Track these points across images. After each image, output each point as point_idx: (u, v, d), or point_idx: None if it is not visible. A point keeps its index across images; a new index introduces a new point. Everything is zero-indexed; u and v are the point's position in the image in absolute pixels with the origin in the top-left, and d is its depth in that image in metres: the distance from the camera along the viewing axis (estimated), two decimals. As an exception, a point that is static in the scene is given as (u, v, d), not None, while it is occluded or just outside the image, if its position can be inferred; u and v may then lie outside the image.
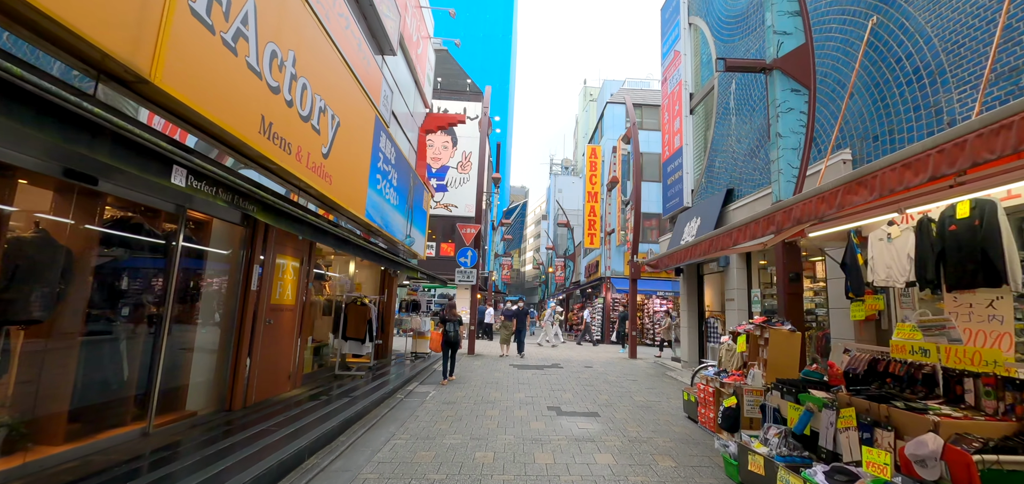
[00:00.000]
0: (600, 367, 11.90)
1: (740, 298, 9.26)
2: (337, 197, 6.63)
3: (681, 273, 12.16)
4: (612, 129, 23.75)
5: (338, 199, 6.67)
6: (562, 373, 10.57)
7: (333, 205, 6.73)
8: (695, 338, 11.62)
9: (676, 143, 12.71)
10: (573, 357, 14.04)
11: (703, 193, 11.39)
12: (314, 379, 7.94)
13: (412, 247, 11.63)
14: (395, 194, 9.94)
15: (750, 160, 9.19)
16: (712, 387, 5.92)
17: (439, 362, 11.43)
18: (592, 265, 25.57)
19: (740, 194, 9.50)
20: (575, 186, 54.65)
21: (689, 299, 11.82)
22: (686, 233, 11.04)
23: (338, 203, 6.70)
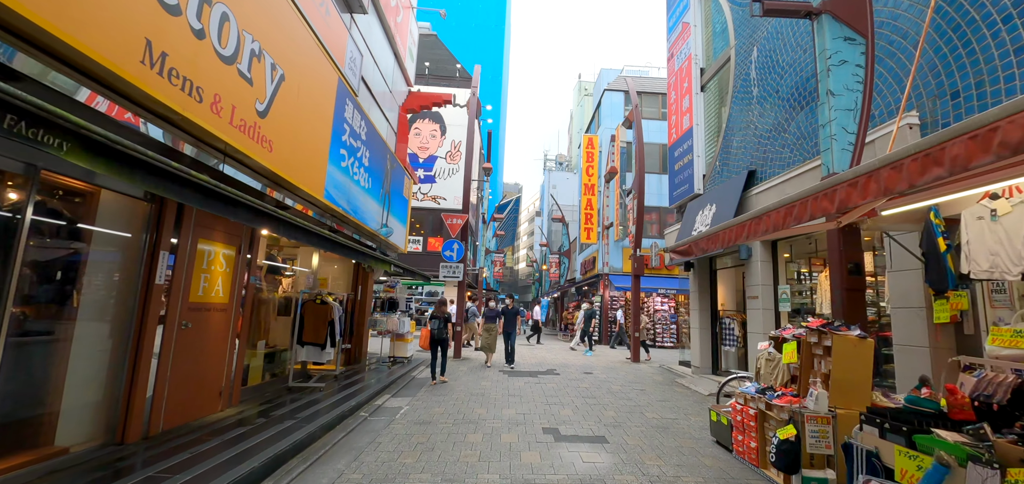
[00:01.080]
0: (601, 373, 10.63)
1: (765, 296, 8.03)
2: (282, 169, 5.29)
3: (691, 268, 10.92)
4: (610, 117, 22.50)
5: (284, 172, 5.33)
6: (559, 382, 9.28)
7: (276, 179, 5.38)
8: (708, 340, 10.38)
9: (685, 124, 11.47)
10: (570, 362, 12.76)
11: (717, 178, 10.14)
12: (261, 394, 6.57)
13: (390, 239, 10.29)
14: (367, 176, 8.60)
15: (776, 136, 7.95)
16: (753, 408, 4.65)
17: (419, 368, 10.10)
18: (588, 261, 24.34)
19: (764, 176, 8.26)
20: (570, 182, 53.41)
21: (701, 297, 10.59)
22: (699, 222, 9.80)
23: (284, 177, 5.36)
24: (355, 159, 7.93)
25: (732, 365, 10.33)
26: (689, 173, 11.03)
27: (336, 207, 7.03)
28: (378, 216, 9.42)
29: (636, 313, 12.98)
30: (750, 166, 8.68)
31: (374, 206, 9.11)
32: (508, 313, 11.27)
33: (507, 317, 11.20)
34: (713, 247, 4.61)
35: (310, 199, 6.35)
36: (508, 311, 11.32)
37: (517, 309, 11.77)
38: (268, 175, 5.24)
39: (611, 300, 20.46)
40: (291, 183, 5.59)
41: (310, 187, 6.16)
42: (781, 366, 4.91)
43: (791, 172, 7.31)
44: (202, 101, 3.99)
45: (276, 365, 7.53)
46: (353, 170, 7.84)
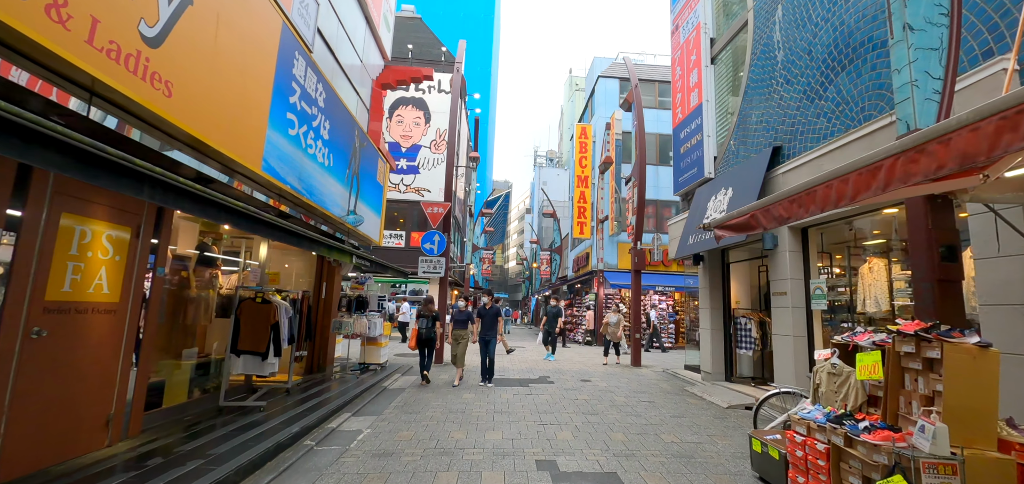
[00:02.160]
0: (601, 380, 9.40)
1: (796, 291, 6.87)
2: (190, 123, 3.95)
3: (701, 261, 9.74)
4: (604, 105, 21.33)
5: (193, 128, 3.99)
6: (554, 392, 8.03)
7: (182, 136, 4.03)
8: (721, 343, 9.21)
9: (692, 101, 10.29)
10: (565, 367, 11.52)
11: (731, 159, 8.97)
12: (180, 418, 5.21)
13: (359, 228, 8.95)
14: (327, 152, 7.26)
15: (809, 105, 6.78)
16: (823, 442, 3.43)
17: (393, 378, 8.78)
18: (581, 258, 23.16)
19: (793, 152, 7.09)
20: (561, 178, 52.25)
21: (712, 293, 9.41)
22: (711, 209, 8.62)
23: (195, 135, 4.02)
24: (310, 129, 6.59)
25: (747, 370, 9.19)
26: (698, 156, 9.86)
27: (281, 184, 5.69)
28: (343, 200, 8.08)
29: (637, 311, 11.79)
30: (774, 142, 7.51)
31: (337, 188, 7.77)
32: (486, 314, 8.65)
33: (485, 320, 8.63)
34: (797, 213, 3.33)
35: (240, 170, 5.01)
36: (486, 312, 8.68)
37: (498, 309, 8.84)
38: (167, 129, 3.89)
39: (606, 298, 19.30)
40: (207, 145, 4.24)
41: (240, 154, 4.82)
42: (853, 383, 3.70)
43: (830, 144, 6.14)
44: (32, 1, 2.66)
45: (212, 378, 6.16)
46: (307, 141, 6.50)
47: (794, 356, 6.69)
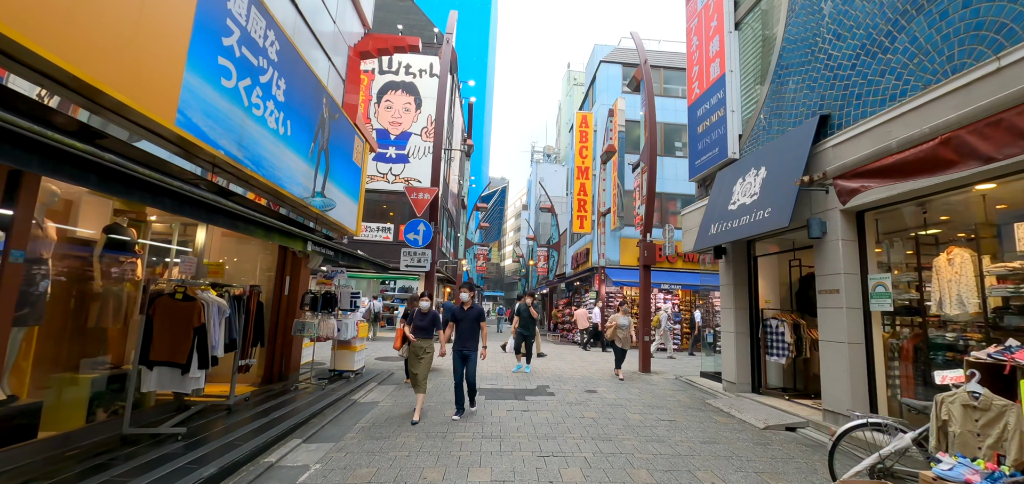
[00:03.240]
0: (608, 391, 8.17)
1: (850, 289, 5.64)
2: (43, 43, 2.68)
3: (723, 255, 8.52)
4: (606, 92, 20.08)
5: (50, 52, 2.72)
6: (555, 408, 6.79)
7: (31, 61, 2.76)
8: (746, 348, 7.99)
9: (712, 73, 9.06)
10: (565, 373, 10.29)
11: (761, 136, 7.75)
12: (58, 451, 3.92)
13: (329, 214, 7.68)
14: (282, 117, 5.98)
15: (870, 60, 5.56)
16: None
17: (368, 388, 7.51)
18: (581, 254, 21.94)
19: (846, 120, 5.87)
20: (558, 174, 50.97)
21: (736, 291, 8.19)
22: (738, 194, 7.40)
23: (52, 60, 2.75)
24: (256, 84, 5.31)
25: (776, 380, 7.98)
26: (719, 134, 8.63)
27: (210, 147, 4.41)
28: (306, 179, 6.81)
29: (645, 311, 10.57)
30: (821, 110, 6.29)
31: (298, 163, 6.49)
32: (463, 317, 6.07)
33: (462, 325, 6.06)
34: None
35: (142, 122, 3.73)
36: (463, 314, 6.10)
37: (480, 310, 6.25)
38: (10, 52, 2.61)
39: (607, 297, 18.09)
40: (77, 78, 2.97)
41: (139, 100, 3.56)
42: (1013, 425, 2.47)
43: (902, 105, 4.92)
44: None
45: (123, 399, 4.86)
46: (252, 99, 5.22)
47: (850, 368, 5.48)
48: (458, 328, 6.13)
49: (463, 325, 6.11)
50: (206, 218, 3.69)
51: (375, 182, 18.99)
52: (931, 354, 5.18)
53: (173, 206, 3.51)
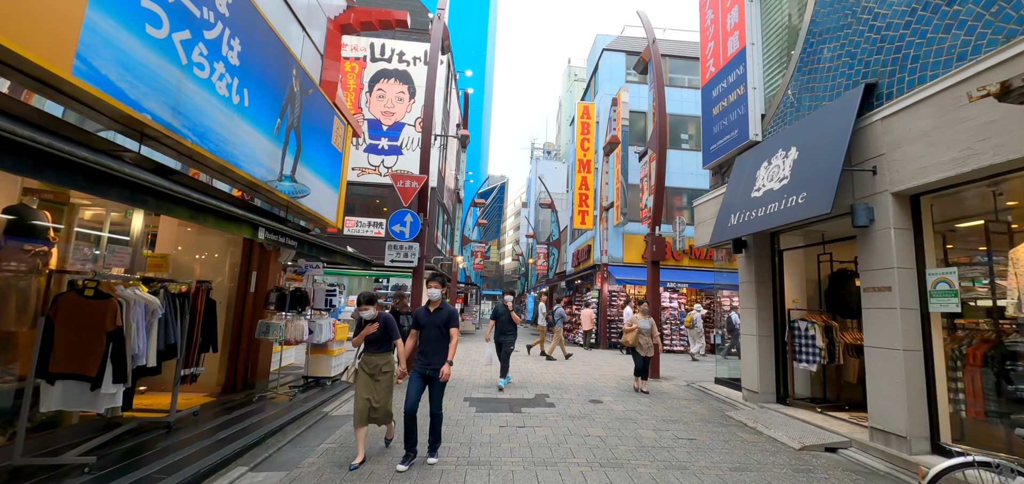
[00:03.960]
0: (614, 401, 7.30)
1: (904, 286, 4.78)
2: None
3: (743, 249, 7.65)
4: (610, 82, 19.19)
5: None
6: (556, 423, 5.92)
7: None
8: (770, 353, 7.13)
9: (729, 48, 8.19)
10: (567, 379, 9.43)
11: (788, 114, 6.88)
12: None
13: (301, 201, 6.82)
14: (237, 83, 5.12)
15: (931, 14, 4.68)
16: None
17: (343, 398, 6.63)
18: (582, 251, 21.07)
19: (898, 88, 5.00)
20: (558, 171, 50.09)
21: (758, 289, 7.32)
22: (763, 179, 6.53)
23: None
24: (198, 39, 4.43)
25: (804, 389, 7.12)
26: (739, 114, 7.76)
27: (125, 106, 3.54)
28: (271, 159, 5.94)
29: (655, 311, 9.70)
30: (865, 78, 5.42)
31: (259, 141, 5.62)
32: (427, 323, 4.45)
33: (426, 334, 4.42)
34: None
35: (23, 65, 2.87)
36: (428, 318, 4.46)
37: (452, 312, 4.53)
38: None
39: (610, 296, 17.23)
40: None
41: (15, 38, 2.72)
42: None
43: (977, 63, 4.05)
44: None
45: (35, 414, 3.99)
46: (193, 57, 4.35)
47: (905, 381, 4.61)
48: (422, 337, 4.42)
49: (427, 335, 4.38)
50: (96, 190, 2.81)
51: (367, 175, 18.12)
52: (1007, 365, 4.32)
53: (58, 177, 2.65)
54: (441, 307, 4.50)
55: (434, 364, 4.32)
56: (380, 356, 4.39)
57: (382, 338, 4.38)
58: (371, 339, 4.37)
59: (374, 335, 4.36)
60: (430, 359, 4.33)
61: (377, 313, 4.39)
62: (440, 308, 4.49)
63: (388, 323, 4.40)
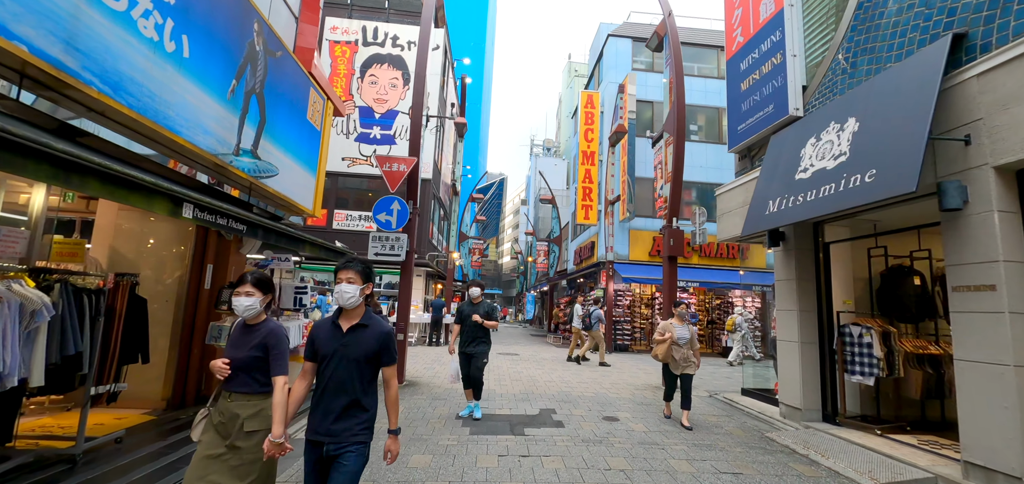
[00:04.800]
0: (633, 419, 6.29)
1: (1015, 284, 3.76)
2: None
3: (781, 241, 6.64)
4: (615, 69, 18.17)
5: None
6: (566, 449, 4.91)
7: None
8: (815, 363, 6.12)
9: (762, 12, 7.18)
10: (574, 389, 8.42)
11: (837, 84, 5.87)
12: None
13: (265, 183, 5.78)
14: (172, 29, 4.07)
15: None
16: None
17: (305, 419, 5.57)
18: (585, 248, 20.06)
19: (998, 38, 3.98)
20: (558, 168, 49.04)
21: (800, 289, 6.31)
22: (811, 158, 5.52)
23: None
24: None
25: (856, 405, 6.11)
26: (773, 88, 6.75)
27: None
28: (224, 128, 4.90)
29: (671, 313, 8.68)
30: (949, 28, 4.40)
31: (205, 102, 4.59)
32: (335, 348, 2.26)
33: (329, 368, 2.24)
34: None
35: None
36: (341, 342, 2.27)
37: (385, 332, 2.34)
38: None
39: (616, 295, 16.22)
40: None
41: None
42: None
43: None
44: None
45: None
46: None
47: (1020, 406, 3.60)
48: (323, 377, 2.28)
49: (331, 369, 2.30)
50: None
51: (358, 166, 17.07)
52: None
53: None
54: (369, 318, 3.71)
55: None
56: (245, 401, 2.36)
57: (257, 366, 2.38)
58: (239, 364, 2.36)
59: (242, 359, 2.36)
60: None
61: (263, 314, 2.52)
62: (369, 320, 3.68)
63: (273, 340, 2.42)
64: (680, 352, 5.87)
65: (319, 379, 2.24)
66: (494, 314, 6.04)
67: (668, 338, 5.86)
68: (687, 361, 5.87)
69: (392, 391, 2.36)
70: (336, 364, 2.22)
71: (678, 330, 5.93)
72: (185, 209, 3.33)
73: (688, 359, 5.89)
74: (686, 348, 5.90)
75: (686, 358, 5.88)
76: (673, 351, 5.87)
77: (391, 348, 2.33)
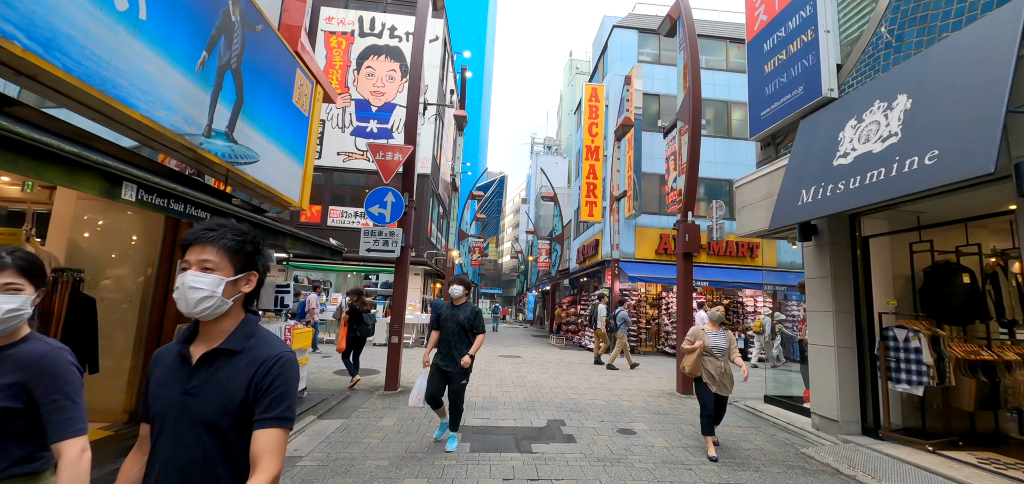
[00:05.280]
0: (651, 431, 5.71)
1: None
2: None
3: (814, 235, 6.05)
4: (620, 61, 17.57)
5: None
6: (580, 469, 4.34)
7: None
8: (853, 370, 5.53)
9: (790, -13, 6.58)
10: (583, 395, 7.84)
11: (877, 60, 5.28)
12: None
13: (243, 170, 5.21)
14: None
15: None
16: None
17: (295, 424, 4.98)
18: (589, 246, 19.48)
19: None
20: (559, 167, 48.49)
21: (835, 285, 5.72)
22: (853, 141, 4.94)
23: None
24: None
25: (899, 417, 5.53)
26: (804, 68, 6.16)
27: None
28: (192, 105, 4.32)
29: (686, 314, 8.10)
30: (1027, -13, 3.82)
31: (169, 74, 4.00)
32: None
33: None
34: None
35: None
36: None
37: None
38: None
39: (622, 294, 15.63)
40: None
41: None
42: None
43: None
44: None
45: None
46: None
47: None
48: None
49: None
50: None
51: (354, 160, 16.48)
52: None
53: None
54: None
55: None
56: None
57: (9, 428, 1.38)
58: None
59: None
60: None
61: (24, 327, 1.49)
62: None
63: (42, 377, 1.41)
64: (715, 364, 4.73)
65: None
66: (479, 324, 4.52)
67: (698, 346, 4.74)
68: (725, 377, 4.73)
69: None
70: (171, 428, 1.19)
71: (711, 337, 4.79)
72: (125, 190, 2.73)
73: (726, 374, 4.74)
74: (723, 359, 4.76)
75: (724, 373, 4.72)
76: (706, 362, 4.74)
77: (280, 392, 1.20)
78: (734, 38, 17.73)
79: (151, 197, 2.94)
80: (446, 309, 4.59)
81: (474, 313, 4.55)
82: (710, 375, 4.72)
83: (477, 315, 4.56)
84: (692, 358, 4.79)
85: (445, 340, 4.52)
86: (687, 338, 4.96)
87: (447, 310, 4.58)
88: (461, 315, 4.51)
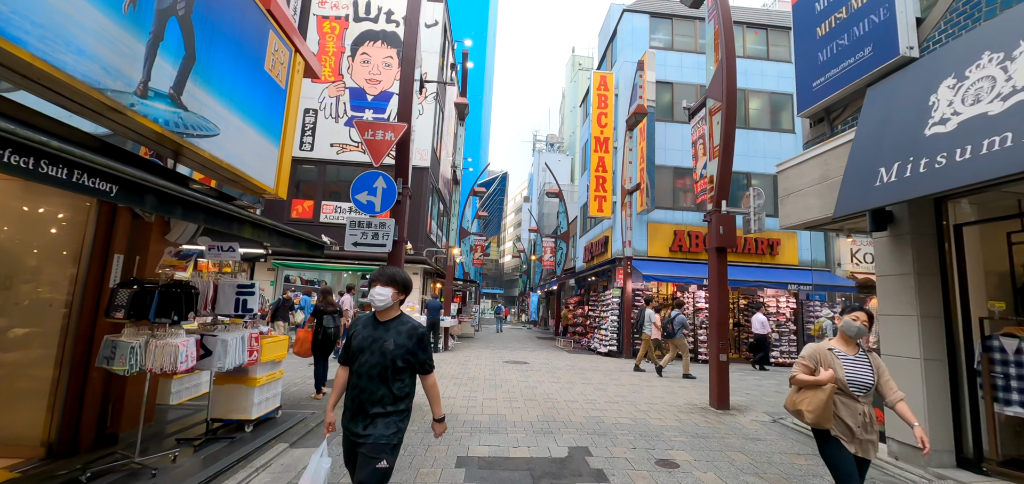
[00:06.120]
0: (691, 459, 4.72)
1: None
2: None
3: (889, 224, 5.05)
4: (631, 47, 16.55)
5: None
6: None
7: None
8: (943, 386, 4.53)
9: (851, -67, 5.56)
10: (607, 412, 6.86)
11: (983, 5, 4.28)
12: None
13: (198, 145, 4.21)
14: None
15: None
16: None
17: (263, 456, 3.96)
18: (597, 243, 18.47)
19: None
20: (562, 164, 47.50)
21: (920, 284, 4.71)
22: (952, 106, 3.95)
23: None
24: None
25: (1013, 446, 4.52)
26: (871, 27, 5.17)
27: None
28: (116, 52, 3.32)
29: (723, 315, 7.12)
30: None
31: (81, 9, 3.02)
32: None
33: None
34: None
35: None
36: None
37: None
38: None
39: (634, 294, 14.64)
40: None
41: None
42: None
43: None
44: None
45: None
46: None
47: None
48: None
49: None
50: None
51: (348, 152, 15.50)
52: None
53: None
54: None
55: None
56: None
57: None
58: None
59: None
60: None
61: None
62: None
63: None
64: (853, 411, 2.69)
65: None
66: (426, 356, 2.46)
67: (828, 378, 2.71)
68: (869, 428, 2.70)
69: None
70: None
71: (848, 365, 2.75)
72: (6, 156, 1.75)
73: (870, 423, 2.71)
74: (866, 402, 2.72)
75: (867, 422, 2.69)
76: (840, 406, 2.71)
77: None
78: (751, 23, 16.71)
79: (46, 166, 1.95)
80: (365, 328, 2.46)
81: (416, 338, 2.44)
82: (846, 427, 2.68)
83: (420, 340, 2.45)
84: (820, 399, 2.69)
85: (360, 379, 2.36)
86: (803, 359, 2.88)
87: (365, 329, 2.45)
88: (389, 340, 2.39)
